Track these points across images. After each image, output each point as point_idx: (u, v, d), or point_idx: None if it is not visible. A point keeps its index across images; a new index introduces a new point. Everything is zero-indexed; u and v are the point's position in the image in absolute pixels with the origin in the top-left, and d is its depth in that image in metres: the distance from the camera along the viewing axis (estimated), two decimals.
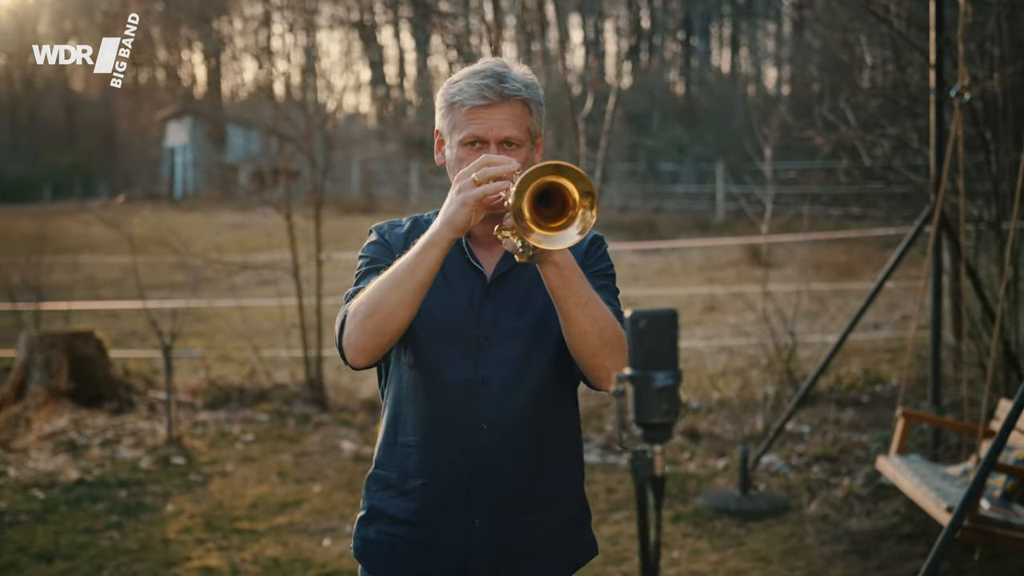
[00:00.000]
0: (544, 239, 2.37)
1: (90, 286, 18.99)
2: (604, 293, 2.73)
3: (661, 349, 1.80)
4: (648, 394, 1.79)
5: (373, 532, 2.83)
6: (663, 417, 1.79)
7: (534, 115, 2.74)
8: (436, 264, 2.52)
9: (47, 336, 10.03)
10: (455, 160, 2.70)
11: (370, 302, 2.57)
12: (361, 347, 2.60)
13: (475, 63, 2.79)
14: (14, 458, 8.67)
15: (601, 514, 7.28)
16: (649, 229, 25.19)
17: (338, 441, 9.07)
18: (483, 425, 2.70)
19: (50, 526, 7.23)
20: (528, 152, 2.73)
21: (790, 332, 9.78)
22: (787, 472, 7.98)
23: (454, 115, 2.71)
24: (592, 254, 2.83)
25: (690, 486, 7.81)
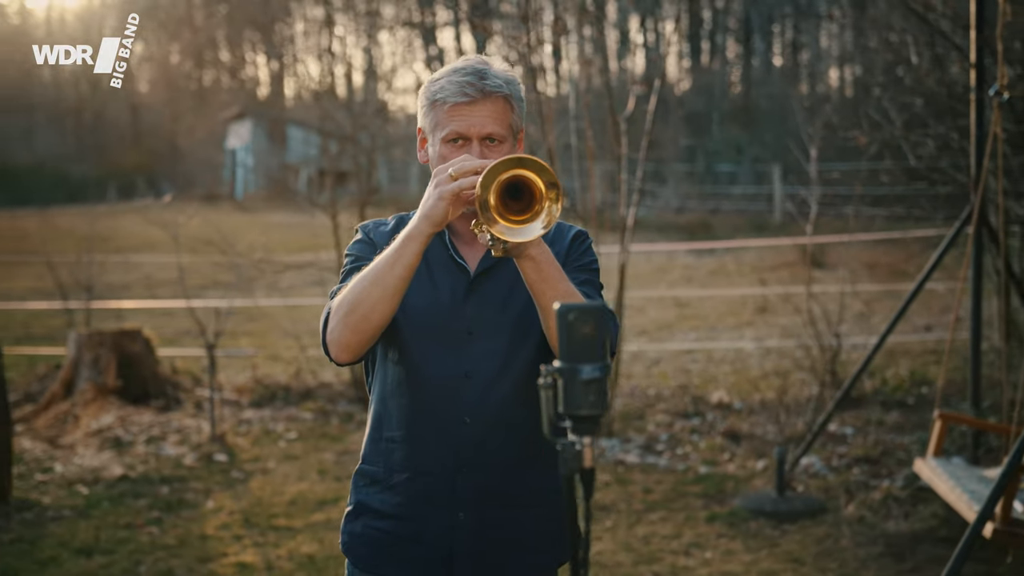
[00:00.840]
0: (507, 231, 2.39)
1: (147, 285, 19.24)
2: (586, 287, 2.75)
3: (589, 343, 1.81)
4: (575, 386, 1.80)
5: (360, 527, 2.85)
6: (590, 409, 1.80)
7: (515, 111, 2.76)
8: (415, 258, 2.54)
9: (96, 334, 10.16)
10: (438, 157, 2.72)
11: (351, 298, 2.60)
12: (344, 343, 2.63)
13: (477, 61, 2.81)
14: (61, 454, 8.79)
15: (636, 514, 7.28)
16: (705, 230, 25.10)
17: None
18: (466, 419, 2.72)
19: (92, 521, 7.32)
20: (510, 148, 2.75)
21: (835, 334, 9.70)
22: (826, 474, 7.93)
23: (436, 113, 2.73)
24: (576, 248, 2.85)
25: (728, 487, 7.79)
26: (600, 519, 7.20)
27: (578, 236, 2.88)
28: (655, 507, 7.43)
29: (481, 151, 2.69)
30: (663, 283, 19.01)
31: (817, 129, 10.10)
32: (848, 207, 11.64)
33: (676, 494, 7.68)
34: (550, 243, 2.81)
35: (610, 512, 7.33)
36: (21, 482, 8.08)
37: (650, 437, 8.98)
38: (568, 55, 10.06)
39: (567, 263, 2.79)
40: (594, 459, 1.81)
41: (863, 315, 12.41)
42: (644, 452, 8.64)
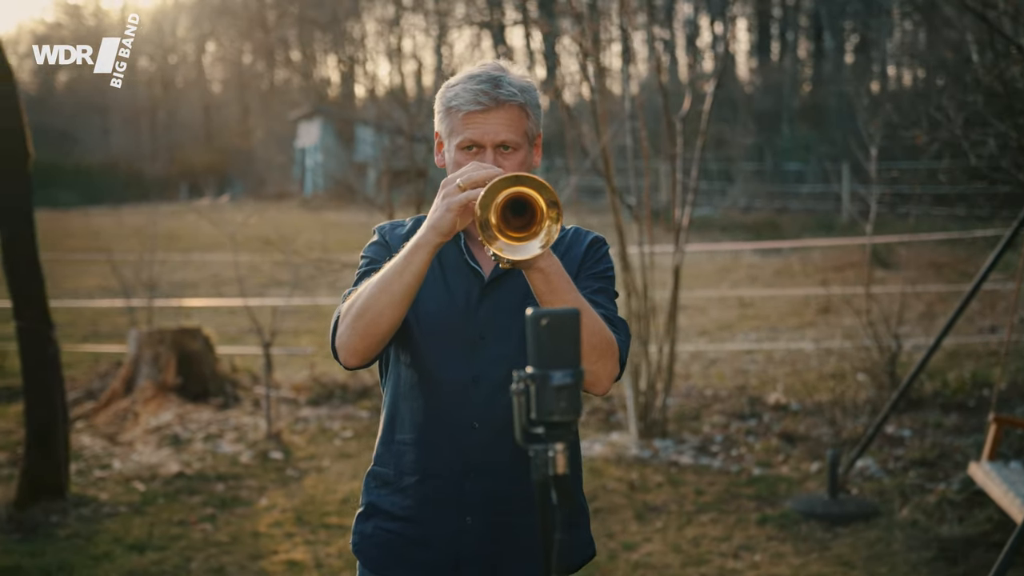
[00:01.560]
0: (507, 248, 2.39)
1: (214, 283, 19.43)
2: (600, 296, 2.75)
3: (561, 348, 1.80)
4: (547, 392, 1.79)
5: (371, 528, 2.86)
6: (562, 415, 1.79)
7: (531, 118, 2.75)
8: (423, 267, 2.54)
9: (156, 332, 10.27)
10: (453, 163, 2.73)
11: (360, 304, 2.61)
12: (352, 348, 2.64)
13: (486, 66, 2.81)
14: (120, 451, 8.90)
15: (687, 515, 7.24)
16: (771, 229, 24.90)
17: None
18: (475, 423, 2.72)
19: (146, 517, 7.41)
20: (526, 155, 2.75)
21: (894, 335, 9.60)
22: (881, 477, 7.84)
23: (451, 119, 2.73)
24: (591, 256, 2.84)
25: (780, 489, 7.72)
26: (651, 520, 7.17)
27: (594, 243, 2.87)
28: (707, 508, 7.38)
29: (495, 158, 2.69)
30: (726, 283, 18.89)
31: (877, 128, 9.99)
32: (909, 206, 11.52)
33: (728, 496, 7.63)
34: (566, 249, 2.82)
35: (661, 513, 7.30)
36: (80, 478, 8.19)
37: (705, 438, 8.93)
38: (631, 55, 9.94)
39: (582, 270, 2.79)
40: (566, 465, 1.80)
41: (927, 316, 12.27)
42: (698, 453, 8.60)
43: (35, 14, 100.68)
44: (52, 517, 7.34)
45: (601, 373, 2.61)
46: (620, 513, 7.31)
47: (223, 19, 65.03)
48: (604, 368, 2.60)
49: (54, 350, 7.55)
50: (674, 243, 8.88)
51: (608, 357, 2.60)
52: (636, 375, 8.80)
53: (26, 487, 7.52)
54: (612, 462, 8.38)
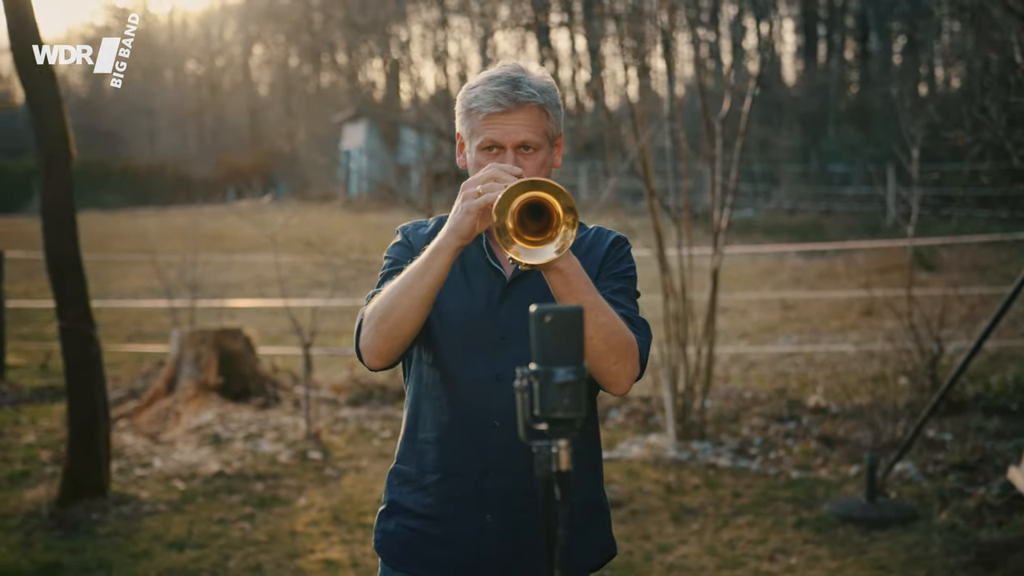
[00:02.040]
0: (523, 251, 2.41)
1: (258, 284, 19.56)
2: (620, 296, 2.75)
3: (565, 345, 1.81)
4: (550, 389, 1.80)
5: (393, 525, 2.88)
6: (565, 412, 1.81)
7: (550, 118, 2.76)
8: (444, 270, 2.56)
9: (198, 332, 10.36)
10: (474, 164, 2.75)
11: (383, 306, 2.63)
12: (376, 350, 2.66)
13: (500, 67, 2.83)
14: (161, 450, 8.98)
15: (724, 518, 7.23)
16: (816, 231, 24.79)
17: None
18: (496, 422, 2.73)
19: (186, 516, 7.47)
20: (546, 155, 2.76)
21: (935, 338, 9.53)
22: (921, 480, 7.79)
23: (472, 121, 2.75)
24: (613, 255, 2.85)
25: (818, 492, 7.69)
26: (687, 522, 7.16)
27: (616, 242, 2.88)
28: (743, 511, 7.37)
29: (515, 159, 2.71)
30: (769, 285, 18.83)
31: (919, 129, 9.93)
32: (952, 208, 11.44)
33: (766, 499, 7.61)
34: (587, 249, 2.83)
35: (698, 515, 7.29)
36: (121, 476, 8.28)
37: (744, 440, 8.90)
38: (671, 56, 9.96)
39: (603, 270, 2.80)
40: (569, 461, 1.81)
41: (970, 319, 12.17)
42: (737, 455, 8.57)
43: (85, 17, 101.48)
44: (93, 514, 7.41)
45: (621, 373, 2.62)
46: (656, 515, 7.31)
47: (270, 22, 65.44)
48: (624, 368, 2.61)
49: (95, 350, 7.63)
50: (713, 245, 8.86)
51: (628, 358, 2.61)
52: (674, 377, 8.79)
53: (68, 485, 7.60)
54: (650, 464, 8.38)
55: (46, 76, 7.40)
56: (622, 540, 6.84)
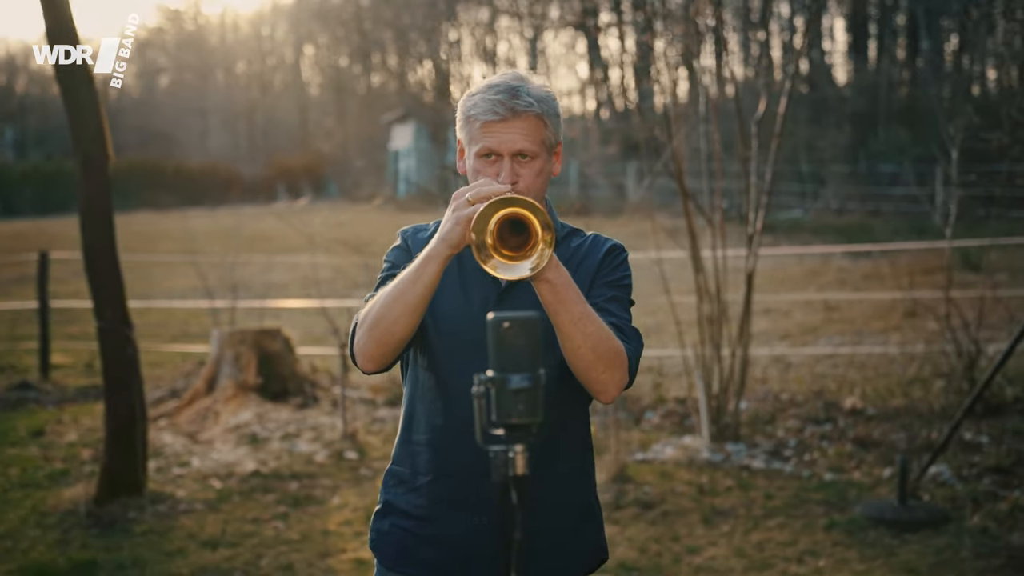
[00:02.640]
0: (500, 266, 2.45)
1: (303, 284, 19.68)
2: (613, 304, 2.79)
3: (520, 352, 1.84)
4: (505, 395, 1.84)
5: (387, 525, 2.93)
6: (520, 418, 1.84)
7: (548, 127, 2.80)
8: (435, 278, 2.60)
9: (237, 333, 10.46)
10: (472, 171, 2.79)
11: (375, 312, 2.68)
12: (369, 354, 2.71)
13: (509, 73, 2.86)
14: (199, 449, 9.07)
15: (754, 520, 7.22)
16: (863, 232, 24.64)
17: None
18: None
19: (220, 515, 7.55)
20: (544, 163, 2.80)
21: (973, 340, 9.47)
22: (954, 483, 7.75)
23: (470, 128, 2.79)
24: (608, 263, 2.88)
25: (850, 494, 7.67)
26: (717, 524, 7.17)
27: (612, 251, 2.91)
28: (774, 513, 7.35)
29: (512, 167, 2.75)
30: (814, 286, 18.74)
31: (959, 130, 9.88)
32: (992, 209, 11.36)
33: (798, 500, 7.59)
34: (583, 258, 2.87)
35: (728, 517, 7.29)
36: (159, 475, 8.38)
37: (779, 442, 8.88)
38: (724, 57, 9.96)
39: (597, 278, 2.84)
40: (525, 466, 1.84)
41: (1012, 321, 12.08)
42: (770, 457, 8.56)
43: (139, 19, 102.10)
44: (130, 513, 7.51)
45: (608, 382, 2.66)
46: (687, 516, 7.31)
47: (320, 23, 65.81)
48: (611, 377, 2.65)
49: (132, 350, 7.73)
50: (747, 247, 8.84)
51: (615, 367, 2.65)
52: (708, 379, 8.78)
53: (105, 483, 7.70)
54: (683, 465, 8.38)
55: (83, 78, 7.50)
56: (651, 541, 6.86)
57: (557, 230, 2.90)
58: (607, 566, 6.46)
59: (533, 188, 2.78)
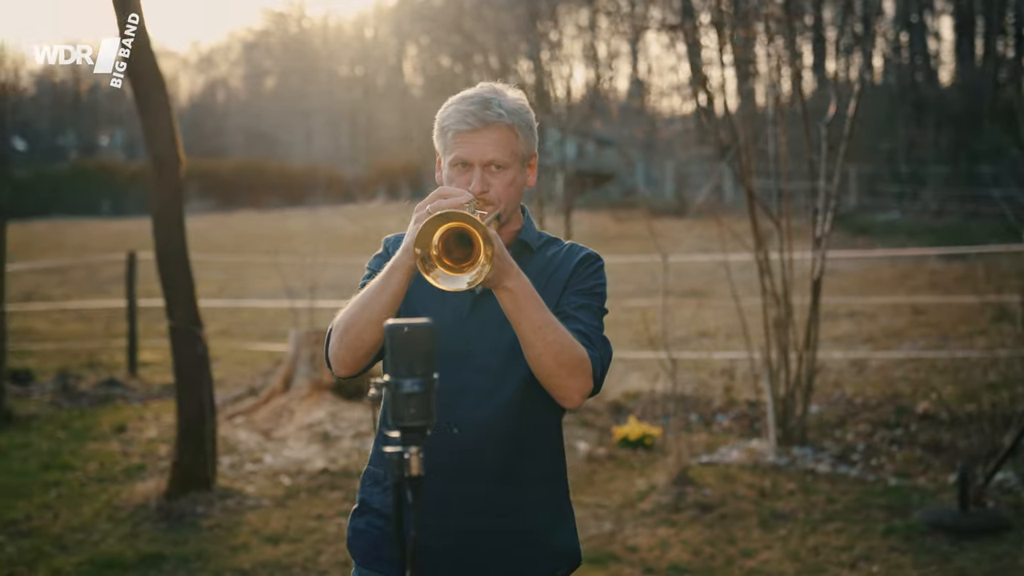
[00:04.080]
0: (441, 276, 2.50)
1: None
2: (582, 312, 2.85)
3: (414, 358, 1.91)
4: (398, 399, 1.91)
5: (363, 524, 3.02)
6: (412, 421, 1.91)
7: (520, 139, 2.86)
8: (400, 288, 2.68)
9: (312, 332, 10.62)
10: (447, 180, 2.87)
11: (346, 319, 2.77)
12: (341, 359, 2.80)
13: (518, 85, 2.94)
14: (272, 446, 9.25)
15: (813, 524, 7.20)
16: (961, 234, 24.26)
17: (575, 441, 9.24)
18: (455, 429, 2.83)
19: (286, 511, 7.71)
20: (516, 173, 2.87)
21: None
22: (1021, 490, 7.66)
23: (444, 138, 2.88)
24: (580, 272, 2.93)
25: (913, 499, 7.60)
26: (775, 527, 7.16)
27: (586, 260, 2.96)
28: (834, 518, 7.32)
29: (483, 176, 2.82)
30: (904, 288, 18.50)
31: None
32: None
33: (859, 505, 7.55)
34: (558, 265, 2.94)
35: (787, 521, 7.27)
36: (232, 471, 8.56)
37: (847, 446, 8.83)
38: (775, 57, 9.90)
39: (569, 286, 2.90)
40: (420, 467, 1.91)
41: None
42: (837, 461, 8.51)
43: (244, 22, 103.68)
44: (198, 508, 7.69)
45: (571, 388, 2.72)
46: (745, 520, 7.31)
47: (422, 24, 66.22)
48: (575, 384, 2.72)
49: (202, 348, 7.92)
50: (812, 251, 8.78)
51: (578, 374, 2.71)
52: (776, 383, 8.76)
53: (176, 479, 7.89)
54: (747, 468, 8.37)
55: (156, 82, 7.71)
56: (706, 544, 6.88)
57: (533, 240, 2.97)
58: (660, 567, 6.50)
59: (504, 197, 2.85)
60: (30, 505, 8.02)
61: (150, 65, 7.71)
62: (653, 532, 7.14)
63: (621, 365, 12.17)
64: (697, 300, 16.23)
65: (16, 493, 8.35)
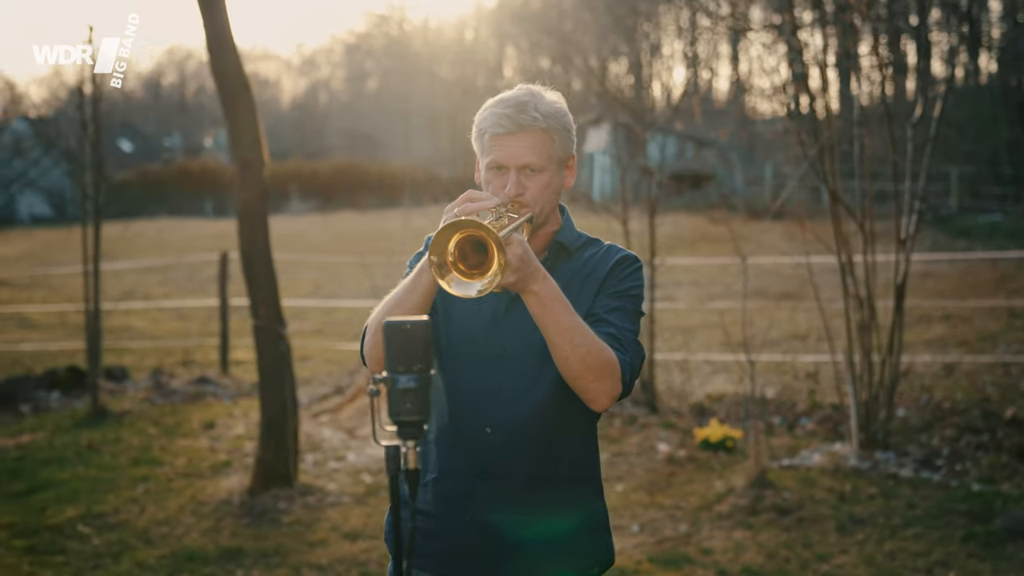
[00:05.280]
0: (455, 282, 2.52)
1: None
2: (614, 314, 2.87)
3: (410, 355, 1.95)
4: (394, 395, 1.95)
5: None
6: (407, 415, 1.95)
7: (556, 142, 2.89)
8: (430, 287, 2.70)
9: None
10: (484, 182, 2.92)
11: (378, 318, 2.81)
12: (374, 357, 2.83)
13: None
14: (356, 444, 9.37)
15: (891, 529, 7.11)
16: None
17: (656, 443, 9.23)
18: (488, 429, 2.87)
19: (366, 508, 7.81)
20: (552, 176, 2.90)
21: None
22: None
23: (481, 141, 2.93)
24: (616, 274, 2.95)
25: (996, 505, 7.47)
26: (852, 532, 7.09)
27: (622, 261, 2.98)
28: (913, 523, 7.23)
29: (518, 179, 2.85)
30: (1003, 292, 18.17)
31: None
32: None
33: (940, 511, 7.44)
34: (594, 267, 2.96)
35: (865, 526, 7.20)
36: (316, 468, 8.69)
37: (931, 451, 8.70)
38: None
39: (603, 288, 2.92)
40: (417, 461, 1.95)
41: None
42: (920, 466, 8.40)
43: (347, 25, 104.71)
44: (280, 504, 7.82)
45: (599, 391, 2.74)
46: (823, 524, 7.25)
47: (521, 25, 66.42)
48: (601, 387, 2.73)
49: (285, 347, 8.04)
50: (896, 254, 8.68)
51: (605, 377, 2.73)
52: (858, 386, 8.67)
53: (259, 475, 8.03)
54: (828, 472, 8.29)
55: (241, 85, 7.84)
56: (781, 547, 6.84)
57: (571, 241, 2.99)
58: (733, 570, 6.49)
59: (540, 200, 2.88)
60: (118, 499, 8.22)
61: (235, 68, 7.86)
62: (729, 535, 7.11)
63: (706, 367, 12.14)
64: (792, 303, 16.15)
65: (106, 487, 8.55)
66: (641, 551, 6.90)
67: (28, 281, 24.24)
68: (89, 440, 9.93)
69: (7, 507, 8.16)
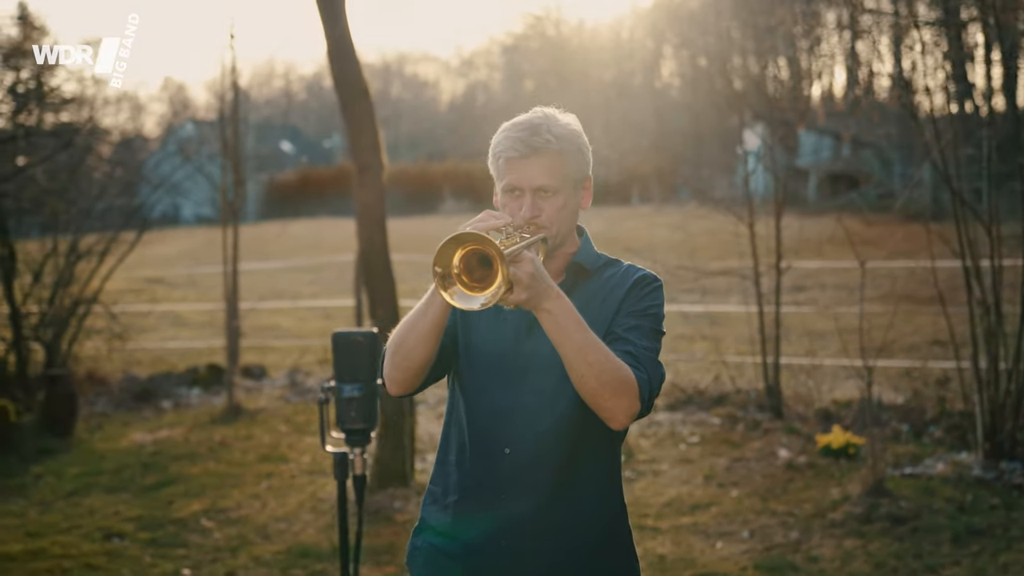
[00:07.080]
0: (458, 295, 2.52)
1: None
2: (633, 333, 2.87)
3: (355, 365, 1.99)
4: (340, 403, 2.00)
5: (420, 541, 3.11)
6: (353, 423, 2.00)
7: (570, 163, 2.91)
8: (443, 308, 2.71)
9: None
10: (500, 205, 2.94)
11: (395, 339, 2.86)
12: (392, 378, 2.89)
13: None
14: None
15: (1009, 541, 6.94)
16: None
17: (777, 448, 9.14)
18: (506, 449, 2.91)
19: None
20: (567, 198, 2.92)
21: None
22: None
23: (497, 164, 2.95)
24: (635, 293, 2.95)
25: None
26: (967, 543, 6.93)
27: (640, 281, 2.97)
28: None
29: (533, 202, 2.88)
30: None
31: None
32: None
33: None
34: (613, 287, 2.97)
35: (981, 537, 7.02)
36: None
37: None
38: None
39: (622, 308, 2.92)
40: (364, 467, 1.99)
41: None
42: None
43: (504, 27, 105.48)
44: (395, 503, 7.95)
45: (616, 409, 2.74)
46: (938, 534, 7.10)
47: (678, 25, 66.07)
48: (618, 404, 2.73)
49: None
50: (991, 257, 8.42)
51: (622, 394, 2.72)
52: (984, 394, 8.45)
53: (376, 474, 8.17)
54: (950, 482, 8.10)
55: (359, 90, 8.00)
56: (891, 557, 6.72)
57: (590, 262, 3.01)
58: None
59: (556, 221, 2.90)
60: (242, 494, 8.45)
61: (354, 74, 8.02)
62: (839, 543, 7.01)
63: (841, 372, 11.94)
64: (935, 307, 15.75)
65: (232, 482, 8.81)
66: (748, 557, 6.85)
67: (184, 280, 24.91)
68: (222, 436, 10.22)
69: (137, 500, 8.46)
